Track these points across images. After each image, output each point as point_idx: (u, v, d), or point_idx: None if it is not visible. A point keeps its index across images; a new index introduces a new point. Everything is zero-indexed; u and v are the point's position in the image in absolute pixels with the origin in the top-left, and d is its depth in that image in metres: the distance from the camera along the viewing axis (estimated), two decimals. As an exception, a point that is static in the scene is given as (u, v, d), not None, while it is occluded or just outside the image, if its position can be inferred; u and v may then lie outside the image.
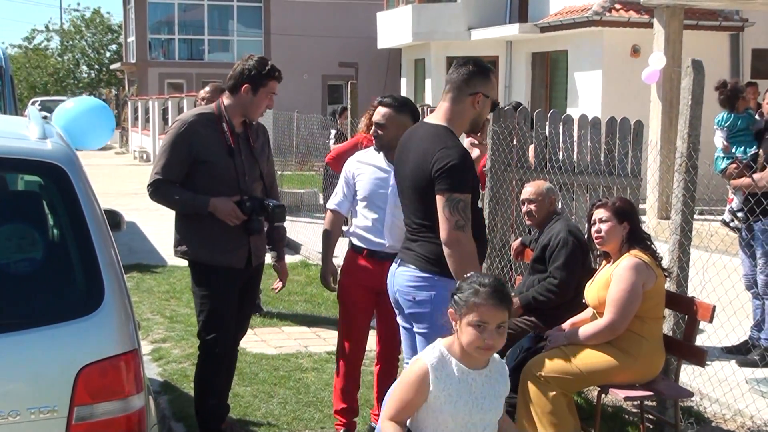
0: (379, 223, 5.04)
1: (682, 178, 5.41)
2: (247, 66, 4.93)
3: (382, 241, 5.03)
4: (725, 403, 5.77)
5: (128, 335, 3.10)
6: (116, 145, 38.31)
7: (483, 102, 4.23)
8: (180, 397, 6.03)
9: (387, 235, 5.02)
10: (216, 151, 4.84)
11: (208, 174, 4.84)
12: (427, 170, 4.05)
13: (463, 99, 4.21)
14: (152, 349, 7.18)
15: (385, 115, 5.06)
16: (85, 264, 3.11)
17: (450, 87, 4.23)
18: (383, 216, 5.03)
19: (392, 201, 4.91)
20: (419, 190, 4.16)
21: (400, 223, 4.69)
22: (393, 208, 4.94)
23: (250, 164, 4.95)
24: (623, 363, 4.85)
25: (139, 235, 13.03)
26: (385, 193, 5.02)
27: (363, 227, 5.12)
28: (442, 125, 4.21)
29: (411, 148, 4.25)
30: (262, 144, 5.12)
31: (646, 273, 4.88)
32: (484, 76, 4.23)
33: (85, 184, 3.28)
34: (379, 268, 4.89)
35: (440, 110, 4.27)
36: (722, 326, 5.94)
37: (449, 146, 4.06)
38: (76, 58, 51.54)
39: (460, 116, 4.25)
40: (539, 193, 5.78)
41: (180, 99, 25.48)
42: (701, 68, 5.34)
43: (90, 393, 2.97)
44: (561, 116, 7.61)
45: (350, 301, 5.22)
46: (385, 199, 5.02)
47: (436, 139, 4.11)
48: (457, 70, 4.22)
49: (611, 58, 18.02)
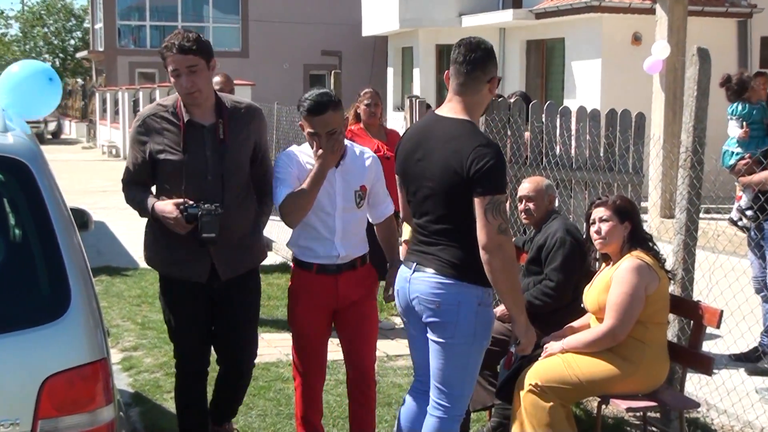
0: (328, 231, 4.65)
1: (687, 174, 5.43)
2: None
3: (334, 254, 4.67)
4: (734, 414, 5.79)
5: (96, 343, 3.08)
6: (83, 140, 38.20)
7: (495, 84, 4.22)
8: (152, 409, 6.01)
9: (339, 245, 4.67)
10: (170, 148, 4.51)
11: (165, 174, 4.55)
12: (463, 170, 3.98)
13: (481, 88, 4.17)
14: (122, 358, 7.15)
15: None
16: (49, 267, 3.10)
17: (465, 77, 4.14)
18: (333, 223, 4.65)
19: (341, 204, 4.64)
20: (446, 192, 4.08)
21: (353, 229, 4.68)
22: (343, 213, 4.65)
23: (215, 161, 4.51)
24: (625, 371, 4.86)
25: (108, 236, 12.99)
26: (332, 196, 4.62)
27: (309, 238, 4.67)
28: (466, 120, 4.14)
29: (433, 146, 4.16)
30: (242, 137, 4.64)
31: (649, 275, 4.89)
32: (494, 57, 4.23)
33: (49, 181, 3.27)
34: (333, 284, 4.69)
35: (457, 103, 4.18)
36: (730, 332, 5.97)
37: (484, 144, 4.01)
38: (38, 46, 51.31)
39: (480, 106, 4.24)
40: (538, 190, 5.77)
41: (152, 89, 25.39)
42: (707, 57, 5.36)
43: (55, 405, 2.95)
44: (558, 108, 7.63)
45: (307, 330, 4.78)
46: (333, 203, 4.63)
47: (469, 137, 4.04)
48: (468, 55, 4.13)
49: (611, 47, 18.06)
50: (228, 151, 4.55)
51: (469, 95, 4.17)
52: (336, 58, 32.66)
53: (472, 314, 4.10)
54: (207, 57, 4.45)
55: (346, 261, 4.68)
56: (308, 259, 4.70)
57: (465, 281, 4.08)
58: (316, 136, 4.44)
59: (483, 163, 3.94)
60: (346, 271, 4.70)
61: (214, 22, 36.57)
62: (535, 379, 4.87)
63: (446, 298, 4.12)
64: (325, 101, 4.45)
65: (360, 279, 4.77)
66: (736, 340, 6.27)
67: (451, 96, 4.22)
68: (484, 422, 5.74)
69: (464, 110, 4.16)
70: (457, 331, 4.11)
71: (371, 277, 4.89)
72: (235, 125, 4.62)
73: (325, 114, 4.43)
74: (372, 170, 4.73)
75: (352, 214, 4.66)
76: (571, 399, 4.99)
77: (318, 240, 4.64)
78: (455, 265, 4.10)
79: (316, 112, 4.43)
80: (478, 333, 4.14)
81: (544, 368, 4.93)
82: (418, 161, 4.23)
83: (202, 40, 4.43)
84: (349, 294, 4.72)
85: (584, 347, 4.94)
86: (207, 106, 4.55)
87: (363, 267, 4.80)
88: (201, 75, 4.42)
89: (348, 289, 4.72)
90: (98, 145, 33.72)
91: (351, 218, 4.65)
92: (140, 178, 4.66)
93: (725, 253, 6.68)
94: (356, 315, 4.78)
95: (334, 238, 4.64)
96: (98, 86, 37.94)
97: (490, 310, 4.19)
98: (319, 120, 4.43)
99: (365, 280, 4.83)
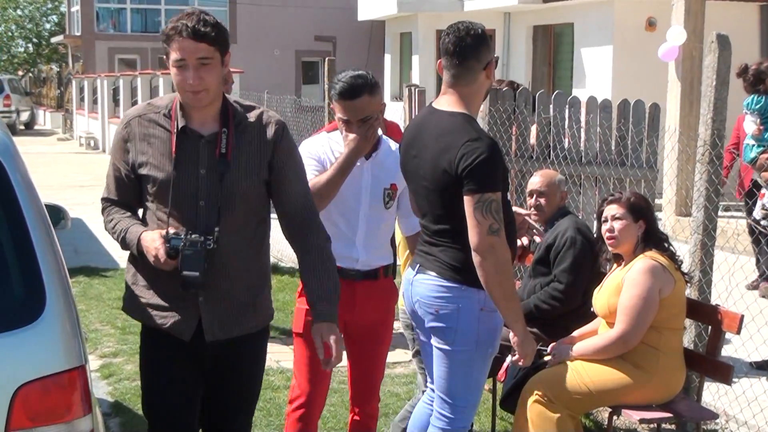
0: (350, 230, 4.43)
1: (705, 170, 5.43)
2: None
3: (354, 256, 4.43)
4: (755, 426, 5.80)
5: (74, 349, 3.07)
6: (59, 131, 38.15)
7: (492, 69, 4.18)
8: (134, 419, 6.00)
9: (360, 247, 4.45)
10: (156, 160, 3.75)
11: (149, 194, 3.79)
12: (452, 168, 3.96)
13: (477, 77, 4.13)
14: (101, 364, 7.15)
15: None
16: (23, 267, 3.08)
17: (458, 69, 4.10)
18: (356, 221, 4.43)
19: (367, 201, 4.44)
20: (440, 191, 4.07)
21: (378, 232, 4.49)
22: (368, 211, 4.44)
23: (211, 183, 3.70)
24: (638, 380, 4.86)
25: (87, 234, 12.98)
26: (358, 191, 4.42)
27: (331, 232, 4.08)
28: (460, 113, 4.10)
29: (426, 142, 4.15)
30: (252, 156, 3.76)
31: (663, 277, 4.89)
32: (487, 40, 4.16)
33: (22, 176, 3.26)
34: (350, 292, 4.28)
35: (452, 95, 4.15)
36: (751, 338, 5.97)
37: (475, 138, 3.97)
38: (9, 30, 51.20)
39: (477, 96, 4.20)
40: (550, 184, 5.75)
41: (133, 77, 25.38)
42: (727, 44, 5.35)
43: (29, 416, 2.94)
44: (567, 98, 7.63)
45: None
46: (358, 198, 4.42)
47: (459, 131, 4.02)
48: (458, 44, 4.07)
49: (623, 33, 18.04)
50: (229, 171, 3.70)
51: (464, 86, 4.13)
52: (330, 44, 32.61)
53: (473, 320, 4.09)
54: (223, 49, 3.69)
55: (367, 268, 4.45)
56: None
57: (466, 284, 4.07)
58: (347, 123, 4.30)
59: (472, 159, 3.91)
60: (366, 280, 4.45)
61: (199, 4, 36.48)
62: (541, 388, 4.87)
63: (445, 303, 4.12)
64: (360, 84, 4.25)
65: (380, 294, 4.54)
66: (758, 347, 6.27)
67: (445, 88, 4.19)
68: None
69: (460, 102, 4.13)
70: (458, 337, 4.11)
71: (393, 296, 4.65)
72: (244, 139, 3.75)
73: (359, 99, 4.25)
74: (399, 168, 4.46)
75: (378, 215, 4.44)
76: (580, 409, 4.99)
77: (337, 238, 4.13)
78: (455, 268, 4.09)
79: (349, 96, 4.25)
80: (481, 340, 4.14)
81: (551, 376, 4.93)
82: (414, 158, 4.22)
83: (221, 27, 3.68)
84: (366, 309, 4.47)
85: (594, 354, 4.93)
86: (210, 110, 3.74)
87: (386, 279, 4.57)
88: (213, 71, 3.64)
89: (366, 303, 4.46)
90: (75, 137, 33.69)
91: (377, 219, 4.44)
92: (123, 197, 3.88)
93: (746, 254, 6.68)
94: (370, 337, 4.56)
95: (356, 238, 4.42)
96: (75, 73, 37.87)
97: (495, 316, 4.17)
98: (351, 105, 4.26)
99: (386, 296, 4.59)
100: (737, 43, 5.85)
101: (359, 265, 4.42)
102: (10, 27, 51.23)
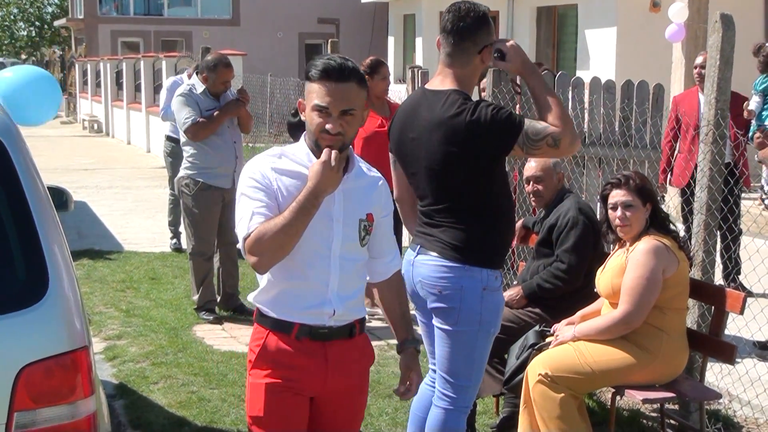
0: (320, 277, 3.41)
1: (709, 150, 5.42)
2: None
3: (327, 310, 3.41)
4: (758, 405, 5.81)
5: (77, 330, 3.08)
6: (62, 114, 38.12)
7: (489, 53, 4.15)
8: (138, 401, 6.02)
9: (334, 298, 3.42)
10: None
11: None
12: (456, 140, 3.97)
13: (471, 60, 4.13)
14: (105, 347, 7.16)
15: None
16: (26, 249, 3.10)
17: (453, 48, 4.10)
18: (326, 265, 3.41)
19: (339, 238, 3.42)
20: (446, 172, 4.08)
21: (353, 275, 3.48)
22: (341, 251, 3.42)
23: None
24: (641, 360, 4.87)
25: (90, 217, 12.99)
26: (328, 224, 3.39)
27: (290, 286, 3.41)
28: (452, 89, 4.11)
29: (424, 123, 4.14)
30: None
31: (667, 257, 4.89)
32: (488, 24, 4.15)
33: (25, 158, 3.27)
34: (321, 356, 3.41)
35: (447, 76, 4.15)
36: (755, 318, 5.96)
37: (471, 99, 4.03)
38: (12, 13, 51.11)
39: (471, 77, 4.20)
40: (546, 169, 5.76)
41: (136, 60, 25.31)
42: (731, 23, 5.34)
43: (32, 396, 2.95)
44: (570, 79, 7.61)
45: (277, 424, 3.43)
46: (329, 235, 3.40)
47: (453, 102, 4.03)
48: (456, 24, 4.07)
49: (627, 14, 17.98)
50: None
51: (458, 67, 4.13)
52: (333, 26, 32.54)
53: (476, 299, 4.10)
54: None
55: (340, 323, 3.46)
56: (287, 316, 3.40)
57: (468, 264, 4.08)
58: (324, 114, 3.30)
59: (489, 112, 3.96)
60: (340, 339, 3.47)
61: (204, -12, 36.49)
62: (545, 369, 4.88)
63: (448, 283, 4.12)
64: (351, 68, 3.32)
65: (356, 356, 3.56)
66: (761, 327, 6.27)
67: (441, 68, 4.20)
68: (491, 414, 5.76)
69: (454, 82, 4.13)
70: (461, 317, 4.11)
71: (368, 356, 3.66)
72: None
73: (347, 83, 3.29)
74: (382, 196, 3.59)
75: (353, 255, 3.46)
76: (583, 389, 5.00)
77: (304, 289, 3.40)
78: (457, 248, 4.09)
79: (336, 76, 3.28)
80: (484, 319, 4.14)
81: (554, 357, 4.94)
82: (412, 140, 4.21)
83: None
84: (339, 377, 3.47)
85: (597, 334, 4.94)
86: None
87: (360, 336, 3.58)
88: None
89: (339, 368, 3.47)
90: (79, 120, 33.66)
91: (352, 260, 3.46)
92: None
93: (749, 235, 6.68)
94: (343, 412, 3.60)
95: (328, 287, 3.41)
96: (78, 57, 37.82)
97: (497, 295, 4.18)
98: (337, 89, 3.28)
99: (362, 358, 3.62)
100: (741, 22, 5.83)
101: (332, 320, 3.42)
102: (12, 10, 51.12)
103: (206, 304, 7.95)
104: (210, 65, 7.84)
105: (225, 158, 7.83)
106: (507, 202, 4.24)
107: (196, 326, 7.74)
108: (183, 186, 7.89)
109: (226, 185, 7.80)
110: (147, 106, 22.55)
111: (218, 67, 7.83)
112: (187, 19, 35.68)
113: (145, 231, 11.95)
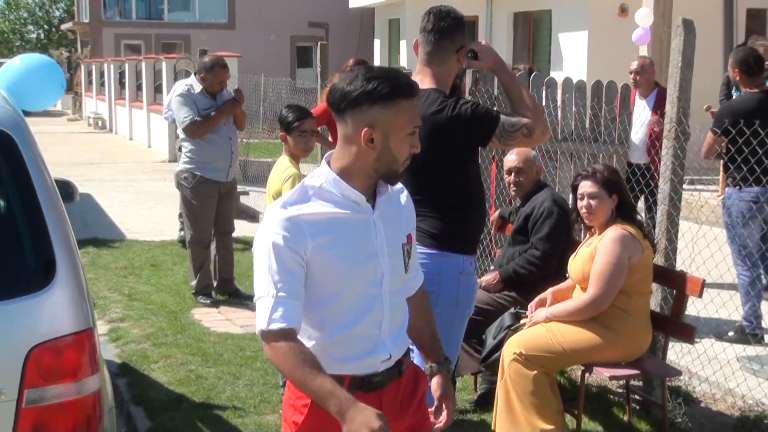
0: (373, 320, 2.86)
1: (671, 145, 5.45)
2: None
3: (382, 355, 2.88)
4: (715, 382, 5.85)
5: (82, 313, 3.09)
6: (69, 112, 37.96)
7: (464, 54, 4.18)
8: (139, 379, 6.03)
9: (389, 340, 2.90)
10: None
11: None
12: (438, 135, 3.96)
13: (449, 58, 4.14)
14: (109, 329, 7.17)
15: None
16: (34, 237, 3.10)
17: (433, 46, 4.12)
18: (380, 304, 2.86)
19: (388, 268, 2.86)
20: (420, 162, 3.98)
21: (401, 308, 2.98)
22: (390, 284, 2.88)
23: None
24: (608, 340, 4.90)
25: (95, 208, 12.95)
26: (375, 259, 2.83)
27: (342, 339, 2.83)
28: (431, 88, 4.10)
29: None
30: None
31: (632, 245, 4.92)
32: (464, 27, 4.20)
33: (33, 151, 3.26)
34: (377, 407, 2.68)
35: (426, 75, 4.16)
36: (712, 301, 6.01)
37: (450, 97, 4.04)
38: (22, 17, 50.86)
39: (448, 76, 4.21)
40: (526, 161, 5.78)
41: (138, 62, 25.22)
42: (692, 28, 5.37)
43: (41, 374, 2.96)
44: (544, 80, 7.63)
45: None
46: (376, 268, 2.84)
47: (434, 100, 4.03)
48: (437, 24, 4.10)
49: (597, 18, 18.00)
50: None
51: (436, 64, 4.15)
52: (323, 29, 32.46)
53: (453, 283, 4.11)
54: None
55: (389, 365, 2.92)
56: (336, 369, 2.78)
57: (446, 250, 4.09)
58: (413, 137, 2.80)
59: (466, 108, 3.98)
60: (391, 382, 2.93)
61: (201, -10, 36.33)
62: (519, 348, 4.90)
63: (427, 268, 4.12)
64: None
65: (408, 391, 3.01)
66: (718, 309, 6.32)
67: (419, 67, 4.20)
68: (470, 390, 5.78)
69: (432, 81, 4.15)
70: (439, 300, 4.11)
71: (423, 382, 3.10)
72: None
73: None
74: (412, 210, 3.07)
75: (399, 286, 2.95)
76: (554, 367, 5.03)
77: (355, 336, 2.84)
78: (435, 236, 4.11)
79: (410, 92, 2.76)
80: (461, 301, 4.16)
81: (528, 337, 4.97)
82: None
83: None
84: (398, 423, 2.91)
85: (568, 316, 4.97)
86: None
87: (409, 369, 3.04)
88: None
89: (396, 413, 2.92)
90: (84, 117, 33.53)
91: (398, 292, 2.95)
92: None
93: (708, 224, 6.72)
94: None
95: (380, 329, 2.87)
96: (83, 58, 37.65)
97: (472, 279, 4.21)
98: (414, 105, 2.80)
99: (415, 391, 3.04)
100: (702, 27, 5.86)
101: (386, 364, 2.90)
102: (22, 14, 50.89)
103: (203, 288, 7.97)
104: (207, 66, 7.84)
105: (221, 153, 7.85)
106: (479, 192, 4.26)
107: (194, 309, 7.75)
108: (182, 179, 7.90)
109: (222, 178, 7.85)
110: (148, 104, 22.48)
111: (215, 68, 7.83)
112: (185, 23, 35.54)
113: (146, 221, 11.91)
